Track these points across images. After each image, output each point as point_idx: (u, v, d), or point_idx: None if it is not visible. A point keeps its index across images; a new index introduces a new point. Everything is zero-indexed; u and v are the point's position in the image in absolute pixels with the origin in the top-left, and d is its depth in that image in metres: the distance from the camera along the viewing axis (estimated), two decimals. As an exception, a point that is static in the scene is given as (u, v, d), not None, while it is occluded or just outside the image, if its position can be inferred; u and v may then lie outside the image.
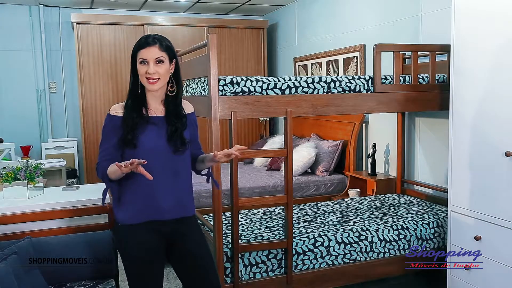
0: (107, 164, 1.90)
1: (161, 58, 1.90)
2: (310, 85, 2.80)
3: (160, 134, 1.94)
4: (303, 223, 3.18)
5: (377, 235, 3.00)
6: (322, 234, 2.92)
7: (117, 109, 1.95)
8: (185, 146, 1.99)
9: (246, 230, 3.03)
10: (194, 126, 2.09)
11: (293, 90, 2.76)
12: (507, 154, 2.35)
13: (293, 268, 2.78)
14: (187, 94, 3.34)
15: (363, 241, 2.95)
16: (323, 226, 3.10)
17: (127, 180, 1.91)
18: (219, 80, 2.61)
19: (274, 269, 2.76)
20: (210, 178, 2.15)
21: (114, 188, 1.94)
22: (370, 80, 2.96)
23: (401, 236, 3.05)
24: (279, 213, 3.48)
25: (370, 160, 4.23)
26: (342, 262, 2.90)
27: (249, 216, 3.40)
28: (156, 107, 1.98)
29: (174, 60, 1.96)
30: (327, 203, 3.76)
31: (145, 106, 1.95)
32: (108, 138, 1.93)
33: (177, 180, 1.97)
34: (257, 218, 3.33)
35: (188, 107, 2.09)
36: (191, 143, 2.04)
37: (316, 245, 2.85)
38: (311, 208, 3.59)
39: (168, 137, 1.94)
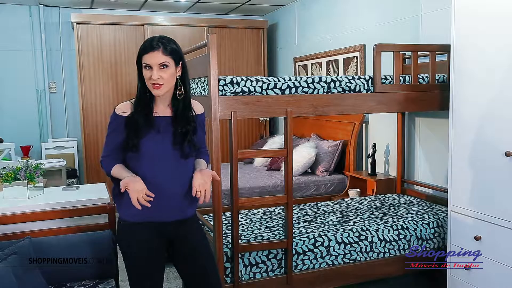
0: (111, 161, 1.94)
1: (165, 63, 1.83)
2: (310, 85, 2.80)
3: (165, 137, 1.91)
4: (303, 223, 3.18)
5: (377, 235, 3.00)
6: (322, 234, 2.92)
7: (123, 109, 1.91)
8: (193, 151, 1.97)
9: (246, 230, 3.03)
10: (201, 127, 2.04)
11: (293, 90, 2.76)
12: (507, 154, 2.35)
13: (293, 268, 2.78)
14: (187, 94, 3.34)
15: (363, 241, 2.95)
16: (323, 226, 3.10)
17: None
18: (219, 80, 2.61)
19: (274, 269, 2.76)
20: None
21: (117, 185, 1.93)
22: (370, 80, 2.96)
23: (401, 236, 3.05)
24: (279, 213, 3.47)
25: (370, 160, 4.23)
26: (342, 262, 2.90)
27: (249, 216, 3.39)
28: (163, 109, 1.94)
29: (181, 62, 1.91)
30: (327, 203, 3.76)
31: (152, 109, 1.91)
32: (113, 135, 1.93)
33: (180, 183, 1.94)
34: (257, 218, 3.33)
35: (198, 108, 2.04)
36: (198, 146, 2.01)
37: (316, 245, 2.85)
38: (311, 208, 3.59)
39: (173, 140, 1.91)
